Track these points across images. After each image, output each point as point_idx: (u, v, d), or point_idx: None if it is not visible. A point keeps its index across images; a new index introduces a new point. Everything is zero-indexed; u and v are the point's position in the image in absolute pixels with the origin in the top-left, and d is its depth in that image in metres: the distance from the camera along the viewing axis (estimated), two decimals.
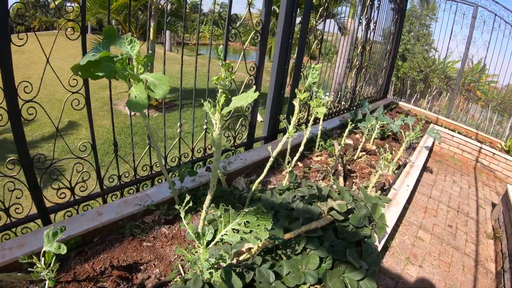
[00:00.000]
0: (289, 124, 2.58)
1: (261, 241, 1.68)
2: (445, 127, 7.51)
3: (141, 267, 2.30)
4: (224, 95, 1.54)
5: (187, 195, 2.66)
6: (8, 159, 2.40)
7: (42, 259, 1.92)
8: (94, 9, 9.02)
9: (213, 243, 1.71)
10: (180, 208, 1.82)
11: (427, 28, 17.13)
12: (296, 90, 2.45)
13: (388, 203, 3.36)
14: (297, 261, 2.05)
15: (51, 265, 1.95)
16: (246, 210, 1.66)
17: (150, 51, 10.03)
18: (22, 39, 2.10)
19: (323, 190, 2.80)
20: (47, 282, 1.94)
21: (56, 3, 2.28)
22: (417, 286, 3.18)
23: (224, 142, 3.82)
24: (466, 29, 7.96)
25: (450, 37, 8.31)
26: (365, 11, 5.83)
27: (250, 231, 1.60)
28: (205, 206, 2.03)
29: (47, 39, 2.33)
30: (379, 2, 6.16)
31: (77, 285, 2.10)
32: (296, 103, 2.40)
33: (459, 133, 7.21)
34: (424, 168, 5.78)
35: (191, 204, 1.90)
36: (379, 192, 3.49)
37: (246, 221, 1.65)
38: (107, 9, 2.75)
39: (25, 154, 2.36)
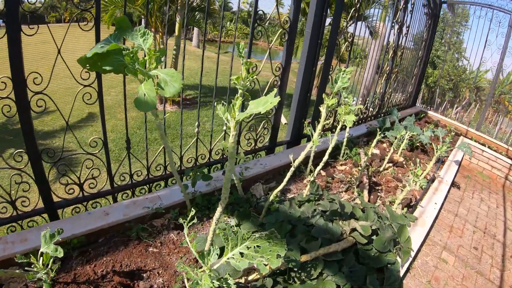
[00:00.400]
0: (314, 130, 2.37)
1: (271, 269, 1.48)
2: (475, 141, 7.14)
3: (144, 275, 2.18)
4: (240, 98, 1.35)
5: (198, 204, 2.53)
6: (16, 151, 2.35)
7: (41, 258, 1.88)
8: (121, 2, 8.96)
9: (217, 265, 1.54)
10: (184, 222, 1.64)
11: (459, 35, 16.58)
12: (323, 95, 2.24)
13: (414, 222, 3.12)
14: (311, 287, 1.84)
15: (49, 266, 1.91)
16: (257, 235, 1.47)
17: (175, 47, 9.97)
18: (33, 28, 2.03)
19: (346, 206, 2.57)
20: (44, 285, 1.89)
21: None
22: None
23: (244, 145, 3.64)
24: (502, 38, 7.53)
25: (485, 46, 7.89)
26: (397, 15, 5.55)
27: (261, 257, 1.41)
28: (215, 218, 1.85)
29: (74, 31, 2.23)
30: (412, 6, 5.87)
31: None
32: (323, 109, 2.19)
33: (489, 147, 6.84)
34: (452, 184, 5.48)
35: (193, 213, 1.72)
36: (405, 209, 3.25)
37: (257, 245, 1.46)
38: (132, 2, 2.62)
39: (32, 147, 2.30)
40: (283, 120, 9.09)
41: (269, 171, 3.52)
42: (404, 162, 4.48)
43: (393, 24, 5.56)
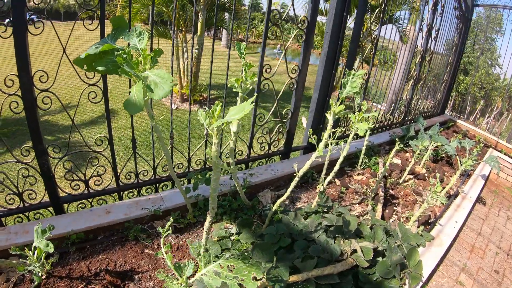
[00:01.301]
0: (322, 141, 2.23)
1: None
2: (505, 153, 6.76)
3: (136, 276, 2.15)
4: (220, 104, 1.24)
5: (201, 208, 2.45)
6: (23, 146, 2.42)
7: (35, 252, 1.95)
8: (145, 1, 8.99)
9: (192, 279, 1.44)
10: (163, 230, 1.55)
11: (493, 41, 15.89)
12: (330, 101, 2.10)
13: (430, 241, 2.92)
14: None
15: (41, 260, 1.98)
16: (227, 255, 1.36)
17: (197, 46, 9.95)
18: (39, 27, 2.07)
19: (351, 223, 2.38)
20: (34, 277, 1.94)
21: None
22: None
23: (257, 149, 3.53)
24: None
25: None
26: (426, 17, 5.30)
27: (235, 277, 1.30)
28: (205, 227, 1.75)
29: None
30: (442, 8, 5.59)
31: (68, 282, 2.03)
32: (330, 116, 2.05)
33: None
34: (477, 199, 5.19)
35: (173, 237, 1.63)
36: (421, 227, 3.04)
37: (231, 265, 1.35)
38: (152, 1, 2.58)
39: (38, 143, 2.35)
40: (304, 122, 8.91)
41: (280, 178, 3.39)
42: (426, 175, 4.25)
43: (421, 27, 5.31)
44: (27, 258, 1.94)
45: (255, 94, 2.62)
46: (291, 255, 2.03)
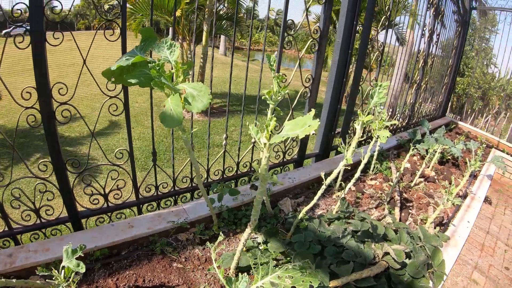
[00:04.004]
0: (345, 143, 2.27)
1: None
2: (507, 153, 6.83)
3: None
4: (275, 118, 1.26)
5: (225, 218, 2.45)
6: (41, 161, 2.38)
7: (62, 271, 1.84)
8: (148, 11, 9.06)
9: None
10: (212, 246, 1.57)
11: (487, 41, 16.03)
12: (358, 111, 2.14)
13: (446, 241, 2.96)
14: None
15: (71, 279, 1.86)
16: (290, 266, 1.37)
17: (201, 56, 10.00)
18: (58, 38, 2.02)
19: (379, 228, 2.44)
20: None
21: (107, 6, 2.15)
22: None
23: (272, 158, 3.55)
24: None
25: None
26: (428, 22, 5.38)
27: (292, 287, 1.31)
28: (243, 238, 1.77)
29: (100, 38, 2.22)
30: (442, 13, 5.68)
31: None
32: (358, 125, 2.09)
33: None
34: (484, 199, 5.24)
35: (222, 238, 1.65)
36: (437, 228, 3.08)
37: (289, 275, 1.37)
38: (161, 10, 2.60)
39: (57, 157, 2.30)
40: None
41: (297, 186, 3.42)
42: (435, 177, 4.29)
43: (423, 32, 5.38)
44: (53, 278, 1.85)
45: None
46: (324, 262, 2.06)
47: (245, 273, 1.46)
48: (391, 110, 6.33)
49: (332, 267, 2.02)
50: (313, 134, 1.17)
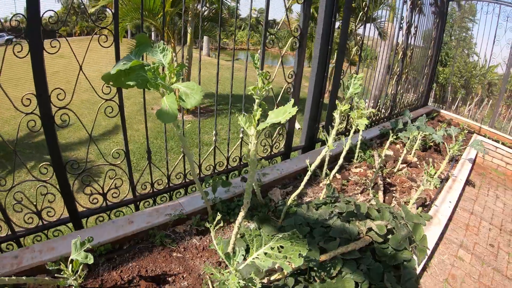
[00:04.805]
0: (328, 135, 2.45)
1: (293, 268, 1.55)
2: (489, 137, 7.08)
3: (169, 279, 2.26)
4: (260, 109, 1.43)
5: (219, 210, 2.60)
6: (41, 164, 2.44)
7: (70, 265, 1.94)
8: (134, 15, 9.15)
9: (243, 265, 1.62)
10: (210, 226, 1.73)
11: (467, 31, 16.33)
12: (336, 102, 2.32)
13: (429, 221, 3.15)
14: (331, 285, 1.92)
15: (78, 272, 1.97)
16: (280, 235, 1.55)
17: (187, 57, 10.13)
18: (55, 46, 2.12)
19: (362, 207, 2.64)
20: None
21: (92, 10, 2.27)
22: None
23: (260, 151, 3.72)
24: (511, 33, 7.48)
25: (494, 41, 7.82)
26: (405, 15, 5.59)
27: (284, 256, 1.48)
28: (237, 222, 1.94)
29: (86, 45, 2.32)
30: (420, 6, 5.89)
31: None
32: (336, 114, 2.27)
33: (503, 144, 6.77)
34: (467, 182, 5.46)
35: (219, 217, 1.81)
36: (420, 209, 3.28)
37: (280, 245, 1.54)
38: (145, 14, 2.72)
39: (57, 160, 2.39)
40: (297, 125, 9.15)
41: (285, 176, 3.60)
42: (417, 163, 4.50)
43: (401, 25, 5.59)
44: (61, 273, 1.95)
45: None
46: (314, 240, 2.23)
47: (242, 247, 1.62)
48: (373, 101, 6.53)
49: (320, 243, 2.20)
50: (298, 128, 1.33)
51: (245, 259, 1.67)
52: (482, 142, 6.01)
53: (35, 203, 2.48)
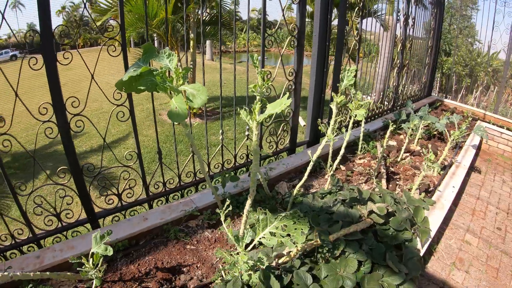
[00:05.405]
0: (329, 126, 2.58)
1: (297, 247, 1.69)
2: (493, 124, 7.12)
3: (184, 269, 2.39)
4: (259, 103, 1.57)
5: (227, 199, 2.74)
6: (59, 168, 2.60)
7: (90, 259, 2.07)
8: (139, 24, 9.38)
9: (251, 245, 1.75)
10: (220, 211, 1.87)
11: (469, 19, 16.26)
12: (332, 94, 2.46)
13: (433, 205, 3.25)
14: (335, 265, 2.04)
15: (99, 266, 2.10)
16: (283, 214, 1.68)
17: (191, 62, 10.33)
18: (68, 58, 2.26)
19: (364, 193, 2.76)
20: (94, 281, 2.07)
21: (97, 24, 2.43)
22: None
23: (266, 148, 3.85)
24: (509, 18, 7.52)
25: (493, 28, 7.86)
26: (402, 7, 5.69)
27: (288, 235, 1.62)
28: (245, 210, 2.08)
29: (92, 55, 2.47)
30: None
31: (122, 285, 2.23)
32: (333, 106, 2.40)
33: (507, 129, 6.80)
34: (472, 168, 5.52)
35: (231, 208, 1.95)
36: (423, 194, 3.39)
37: (284, 224, 1.68)
38: (147, 25, 2.86)
39: (74, 164, 2.54)
40: (301, 122, 9.27)
41: (291, 170, 3.73)
42: (421, 151, 4.60)
43: (398, 18, 5.69)
44: (83, 267, 2.07)
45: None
46: (318, 226, 2.36)
47: (250, 228, 1.75)
48: (376, 95, 6.63)
49: (324, 228, 2.34)
50: (304, 125, 1.47)
51: (253, 241, 1.80)
52: (486, 128, 6.07)
53: (54, 206, 2.62)
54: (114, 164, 2.92)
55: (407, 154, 4.47)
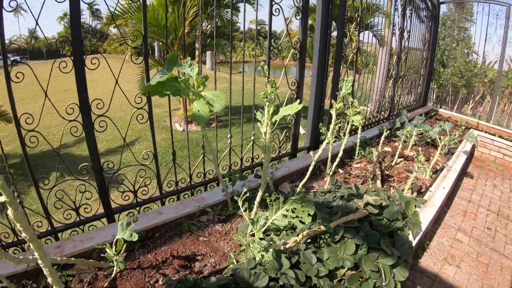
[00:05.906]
0: (328, 131, 2.87)
1: (304, 230, 1.95)
2: (485, 132, 7.40)
3: (198, 257, 2.62)
4: (272, 105, 1.86)
5: (241, 193, 3.01)
6: (81, 164, 2.81)
7: (113, 247, 2.28)
8: (149, 34, 9.68)
9: (265, 227, 2.02)
10: (238, 198, 2.12)
11: (465, 31, 16.61)
12: (332, 101, 2.75)
13: (424, 204, 3.53)
14: (336, 248, 2.32)
15: (121, 252, 2.30)
16: (293, 198, 1.96)
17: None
18: (95, 64, 2.50)
19: (360, 189, 3.05)
20: (114, 268, 2.28)
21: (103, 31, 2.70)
22: (454, 285, 3.27)
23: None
24: (501, 30, 7.83)
25: (486, 39, 8.19)
26: (397, 21, 6.01)
27: (296, 217, 1.90)
28: (256, 201, 2.36)
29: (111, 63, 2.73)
30: (411, 12, 6.32)
31: (141, 271, 2.42)
32: (333, 112, 2.69)
33: (500, 137, 7.08)
34: (464, 173, 5.79)
35: (240, 203, 2.20)
36: (415, 194, 3.67)
37: (293, 208, 1.95)
38: (157, 33, 3.14)
39: (96, 161, 2.77)
40: (301, 130, 9.57)
41: (293, 172, 4.03)
42: (414, 156, 4.89)
43: (393, 31, 6.01)
44: (106, 254, 2.26)
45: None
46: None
47: (262, 212, 2.02)
48: (373, 105, 6.93)
49: (325, 217, 2.62)
50: (303, 134, 1.74)
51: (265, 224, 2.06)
52: (479, 136, 6.35)
53: (74, 200, 2.81)
54: (128, 163, 3.11)
55: (401, 159, 4.76)
